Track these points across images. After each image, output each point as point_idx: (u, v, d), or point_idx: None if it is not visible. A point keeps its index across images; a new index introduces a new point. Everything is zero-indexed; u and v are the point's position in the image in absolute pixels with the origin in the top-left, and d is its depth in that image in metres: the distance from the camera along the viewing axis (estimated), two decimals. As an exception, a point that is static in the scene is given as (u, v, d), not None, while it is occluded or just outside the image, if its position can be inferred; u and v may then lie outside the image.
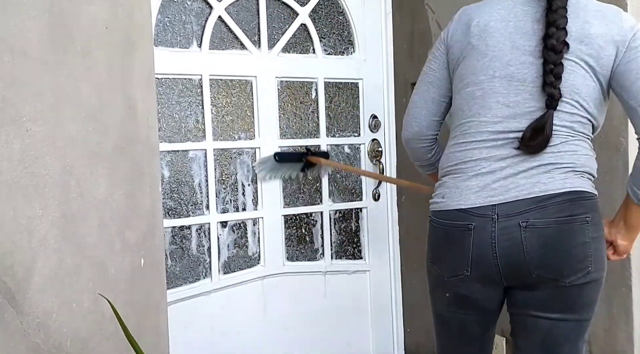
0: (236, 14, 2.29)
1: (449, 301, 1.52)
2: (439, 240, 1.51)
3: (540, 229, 1.35)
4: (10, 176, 1.09)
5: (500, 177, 1.40)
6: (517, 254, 1.37)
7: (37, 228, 1.14)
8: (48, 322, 1.16)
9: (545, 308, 1.41)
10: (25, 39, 1.13)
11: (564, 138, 1.40)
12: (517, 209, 1.37)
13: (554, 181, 1.37)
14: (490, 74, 1.43)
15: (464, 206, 1.42)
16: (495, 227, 1.38)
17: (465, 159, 1.46)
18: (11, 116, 1.10)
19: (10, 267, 1.09)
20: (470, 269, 1.43)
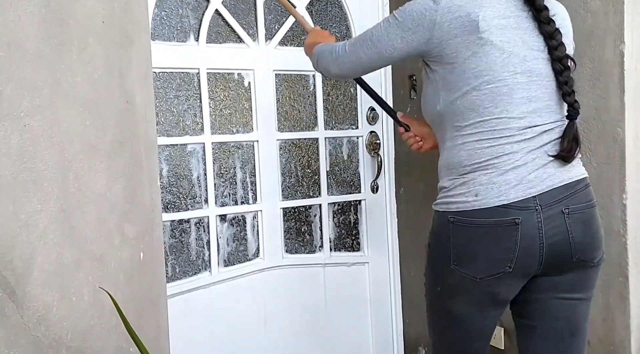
0: (233, 7, 2.29)
1: (474, 302, 1.50)
2: (471, 240, 1.45)
3: (578, 214, 1.43)
4: (8, 171, 1.10)
5: (533, 169, 1.42)
6: (563, 241, 1.42)
7: (36, 223, 1.15)
8: (48, 316, 1.17)
9: (571, 290, 1.48)
10: (22, 33, 1.13)
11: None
12: (556, 198, 1.41)
13: (573, 168, 1.45)
14: (512, 70, 1.42)
15: (506, 201, 1.40)
16: (541, 218, 1.40)
17: (496, 154, 1.43)
18: (8, 111, 1.10)
19: (10, 261, 1.10)
20: (515, 263, 1.42)
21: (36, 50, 1.16)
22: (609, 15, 1.77)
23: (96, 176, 1.30)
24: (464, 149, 1.46)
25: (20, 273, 1.11)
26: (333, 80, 2.53)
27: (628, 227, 1.79)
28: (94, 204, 1.29)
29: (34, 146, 1.15)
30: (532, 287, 1.49)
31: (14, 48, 1.12)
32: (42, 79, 1.17)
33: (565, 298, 1.48)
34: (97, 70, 1.32)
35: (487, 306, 1.50)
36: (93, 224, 1.29)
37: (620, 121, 1.77)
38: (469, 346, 1.57)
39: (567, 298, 1.48)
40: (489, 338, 1.58)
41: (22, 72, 1.13)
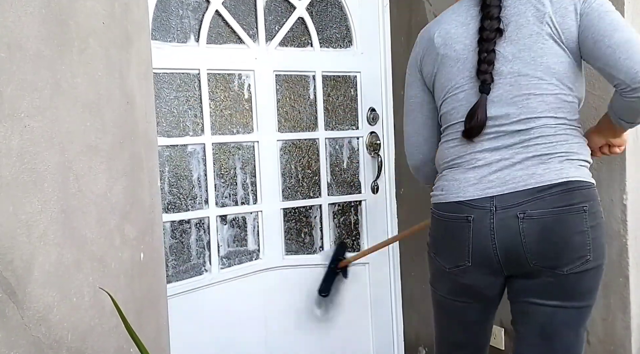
0: (233, 8, 2.29)
1: (451, 291, 1.56)
2: (439, 232, 1.54)
3: (537, 219, 1.38)
4: (9, 172, 1.10)
5: (496, 169, 1.43)
6: (515, 244, 1.40)
7: (37, 223, 1.15)
8: (49, 316, 1.17)
9: (544, 296, 1.44)
10: (22, 34, 1.14)
11: (555, 128, 1.43)
12: (515, 201, 1.39)
13: (549, 172, 1.39)
14: (467, 75, 1.48)
15: (463, 198, 1.46)
16: (494, 219, 1.41)
17: (460, 153, 1.50)
18: (9, 111, 1.10)
19: (11, 262, 1.10)
20: (471, 259, 1.46)
21: (36, 51, 1.16)
22: (608, 15, 1.77)
23: (96, 177, 1.30)
24: (442, 149, 1.57)
25: (20, 273, 1.11)
26: (333, 81, 2.54)
27: (628, 227, 1.79)
28: (95, 205, 1.29)
29: (34, 147, 1.15)
30: (510, 288, 1.52)
31: (15, 49, 1.12)
32: (42, 79, 1.17)
33: (540, 303, 1.45)
34: (97, 71, 1.32)
35: (462, 296, 1.54)
36: (93, 225, 1.29)
37: (621, 121, 1.77)
38: (457, 337, 1.61)
39: (542, 304, 1.44)
40: (476, 331, 1.59)
41: (23, 73, 1.13)
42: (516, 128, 1.43)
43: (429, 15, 2.42)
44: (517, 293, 1.50)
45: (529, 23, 1.42)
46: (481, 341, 1.62)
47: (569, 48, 1.42)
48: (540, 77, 1.42)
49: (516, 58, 1.43)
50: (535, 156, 1.42)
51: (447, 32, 1.52)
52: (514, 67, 1.43)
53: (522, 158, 1.42)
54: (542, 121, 1.43)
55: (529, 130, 1.43)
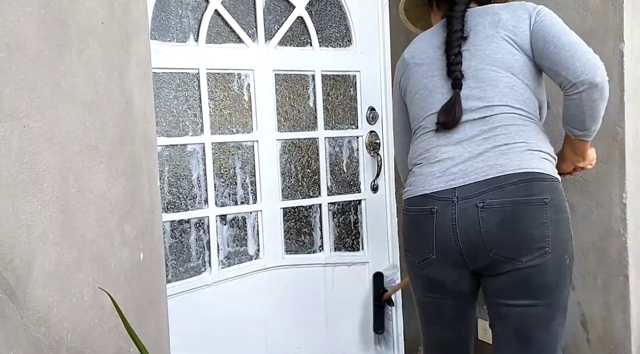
0: (232, 8, 2.29)
1: (423, 287, 1.60)
2: (408, 226, 1.60)
3: (496, 208, 1.42)
4: (8, 172, 1.10)
5: (459, 162, 1.49)
6: (475, 234, 1.45)
7: (36, 223, 1.15)
8: (48, 316, 1.17)
9: (512, 295, 1.47)
10: (21, 34, 1.13)
11: (512, 118, 1.49)
12: (475, 191, 1.44)
13: (510, 162, 1.44)
14: (430, 75, 1.60)
15: (428, 191, 1.52)
16: (455, 210, 1.46)
17: (426, 147, 1.57)
18: (8, 111, 1.10)
19: (10, 262, 1.10)
20: (435, 252, 1.51)
21: (36, 51, 1.16)
22: (608, 14, 1.77)
23: (96, 177, 1.30)
24: (411, 148, 1.66)
25: (20, 273, 1.11)
26: (333, 81, 2.54)
27: (628, 226, 1.79)
28: (94, 205, 1.29)
29: (33, 147, 1.15)
30: (483, 289, 1.55)
31: (14, 49, 1.12)
32: (41, 79, 1.17)
33: (511, 304, 1.48)
34: (96, 70, 1.32)
35: (434, 292, 1.57)
36: (93, 225, 1.29)
37: (620, 120, 1.77)
38: (436, 335, 1.64)
39: (513, 305, 1.48)
40: (455, 329, 1.61)
41: (22, 73, 1.13)
42: (475, 116, 1.51)
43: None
44: (490, 295, 1.54)
45: (485, 28, 1.54)
46: (462, 338, 1.64)
47: (522, 49, 1.51)
48: (495, 70, 1.51)
49: (473, 56, 1.54)
50: (495, 146, 1.46)
51: (415, 48, 1.68)
52: (471, 64, 1.53)
53: (484, 149, 1.47)
54: (499, 109, 1.49)
55: (487, 118, 1.50)
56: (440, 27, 1.65)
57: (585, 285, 1.91)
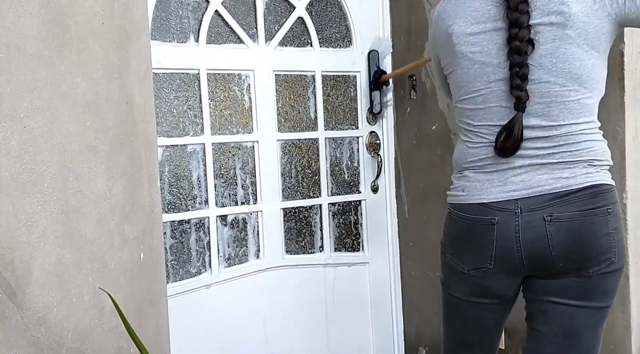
0: (233, 8, 2.29)
1: (468, 292, 1.53)
2: (459, 233, 1.51)
3: (565, 222, 1.37)
4: (8, 172, 1.10)
5: (521, 172, 1.41)
6: (542, 247, 1.39)
7: (36, 224, 1.15)
8: (48, 317, 1.17)
9: (565, 295, 1.43)
10: (21, 34, 1.14)
11: (578, 135, 1.40)
12: (541, 203, 1.38)
13: (575, 177, 1.38)
14: (486, 80, 1.44)
15: (486, 200, 1.44)
16: (519, 222, 1.39)
17: (482, 155, 1.47)
18: (8, 112, 1.10)
19: (10, 262, 1.10)
20: (494, 262, 1.44)
21: (36, 51, 1.16)
22: (608, 14, 1.77)
23: (96, 177, 1.30)
24: (462, 148, 1.53)
25: (20, 273, 1.12)
26: (333, 81, 2.54)
27: (628, 226, 1.79)
28: (94, 205, 1.30)
29: (33, 147, 1.15)
30: (530, 288, 1.50)
31: (14, 49, 1.12)
32: (41, 80, 1.17)
33: (560, 302, 1.44)
34: (96, 71, 1.32)
35: (480, 297, 1.52)
36: (93, 225, 1.29)
37: (620, 121, 1.77)
38: (468, 337, 1.59)
39: (562, 303, 1.43)
40: (491, 331, 1.58)
41: (22, 73, 1.13)
42: (538, 135, 1.40)
43: (429, 15, 2.42)
44: (536, 292, 1.48)
45: (552, 25, 1.36)
46: (493, 342, 1.61)
47: (594, 48, 1.37)
48: (562, 83, 1.38)
49: (538, 65, 1.38)
50: (560, 162, 1.39)
51: (463, 30, 1.46)
52: (534, 75, 1.38)
53: (547, 162, 1.40)
54: (564, 128, 1.39)
55: (552, 137, 1.40)
56: (491, 3, 1.43)
57: (585, 285, 1.91)
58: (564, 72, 1.37)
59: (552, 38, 1.36)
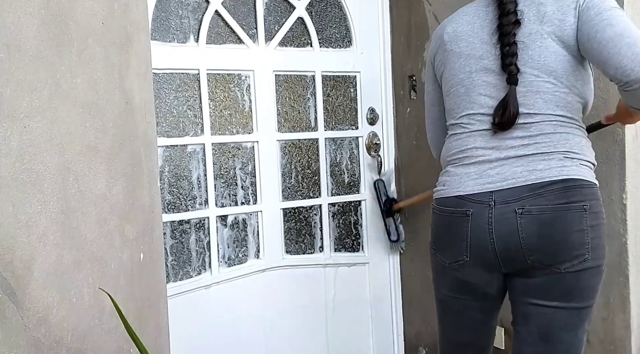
0: (233, 8, 2.29)
1: (451, 287, 1.56)
2: (440, 227, 1.56)
3: (536, 215, 1.39)
4: (8, 172, 1.10)
5: (497, 165, 1.45)
6: (513, 240, 1.41)
7: (37, 224, 1.15)
8: (48, 317, 1.17)
9: (543, 296, 1.43)
10: (22, 35, 1.14)
11: (554, 126, 1.43)
12: (514, 196, 1.41)
13: (550, 169, 1.40)
14: (468, 71, 1.51)
15: (463, 192, 1.48)
16: (492, 214, 1.43)
17: (462, 147, 1.52)
18: (8, 112, 1.10)
19: (10, 263, 1.10)
20: (469, 254, 1.47)
21: (36, 51, 1.16)
22: (608, 15, 1.77)
23: (96, 177, 1.30)
24: (446, 144, 1.61)
25: (20, 274, 1.11)
26: (333, 81, 2.54)
27: (628, 226, 1.79)
28: (94, 205, 1.30)
29: (33, 147, 1.15)
30: (510, 287, 1.52)
31: (14, 49, 1.12)
32: (41, 80, 1.17)
33: (539, 304, 1.44)
34: (96, 71, 1.32)
35: (463, 294, 1.54)
36: (93, 225, 1.29)
37: (620, 121, 1.77)
38: (459, 337, 1.61)
39: (541, 305, 1.44)
40: (479, 331, 1.59)
41: (22, 73, 1.13)
42: (521, 118, 1.44)
43: (429, 15, 2.42)
44: (517, 294, 1.50)
45: (529, 22, 1.44)
46: (484, 341, 1.62)
47: (568, 47, 1.42)
48: (537, 75, 1.43)
49: None
50: (535, 154, 1.42)
51: (455, 30, 1.56)
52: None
53: (523, 154, 1.43)
54: (540, 117, 1.43)
55: (528, 126, 1.44)
56: (485, 6, 1.53)
57: (585, 286, 1.91)
58: (539, 64, 1.43)
59: (528, 32, 1.43)
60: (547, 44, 1.42)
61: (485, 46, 1.50)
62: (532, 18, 1.44)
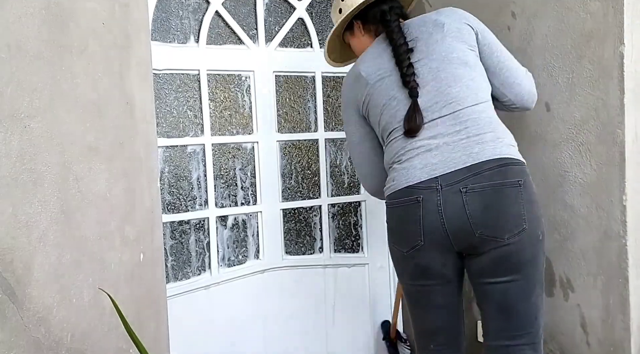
0: (233, 9, 2.29)
1: (413, 275, 1.68)
2: (394, 218, 1.68)
3: (478, 192, 1.54)
4: (8, 172, 1.10)
5: (437, 153, 1.60)
6: (461, 216, 1.55)
7: (37, 224, 1.15)
8: (48, 317, 1.17)
9: (495, 273, 1.59)
10: (22, 35, 1.14)
11: (478, 110, 1.62)
12: (457, 178, 1.55)
13: (484, 150, 1.56)
14: (395, 87, 1.67)
15: (412, 182, 1.61)
16: (440, 196, 1.56)
17: (403, 145, 1.66)
18: (9, 112, 1.10)
19: (10, 263, 1.10)
20: (424, 237, 1.59)
21: (36, 51, 1.16)
22: (608, 16, 1.77)
23: (96, 177, 1.30)
24: (386, 152, 1.73)
25: (20, 274, 1.12)
26: (333, 82, 2.54)
27: (628, 228, 1.79)
28: (94, 205, 1.30)
29: (34, 147, 1.15)
30: (467, 271, 1.67)
31: (15, 49, 1.12)
32: (42, 80, 1.17)
33: (493, 282, 1.59)
34: (97, 71, 1.32)
35: (423, 279, 1.66)
36: (93, 225, 1.29)
37: (620, 122, 1.77)
38: (429, 323, 1.71)
39: (495, 282, 1.59)
40: (447, 316, 1.69)
41: (23, 73, 1.13)
42: (445, 112, 1.61)
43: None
44: (474, 275, 1.64)
45: (432, 34, 1.67)
46: (453, 326, 1.71)
47: (471, 46, 1.67)
48: (455, 67, 1.63)
49: (431, 59, 1.65)
50: (468, 137, 1.58)
51: (369, 66, 1.74)
52: (432, 66, 1.64)
53: (458, 139, 1.59)
54: (465, 102, 1.61)
55: (457, 113, 1.60)
56: (382, 42, 1.74)
57: (584, 287, 1.91)
58: (454, 58, 1.64)
59: (434, 40, 1.66)
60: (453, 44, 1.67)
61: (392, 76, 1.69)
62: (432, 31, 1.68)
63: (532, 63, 1.98)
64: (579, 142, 1.88)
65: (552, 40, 1.93)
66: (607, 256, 1.84)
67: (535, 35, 1.98)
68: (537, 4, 1.96)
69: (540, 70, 1.97)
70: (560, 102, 1.93)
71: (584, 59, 1.84)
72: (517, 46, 2.03)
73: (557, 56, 1.92)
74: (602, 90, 1.80)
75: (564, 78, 1.90)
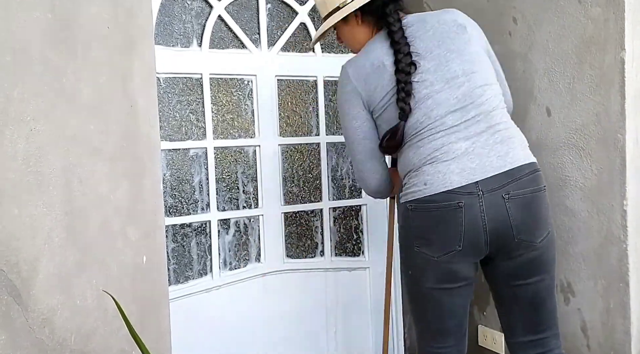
0: (236, 13, 2.30)
1: (439, 279, 1.65)
2: (426, 224, 1.63)
3: (519, 198, 1.58)
4: (14, 175, 1.11)
5: (473, 157, 1.58)
6: (504, 221, 1.57)
7: (42, 226, 1.16)
8: (52, 318, 1.18)
9: (527, 275, 1.63)
10: (27, 39, 1.15)
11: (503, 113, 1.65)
12: (497, 184, 1.57)
13: (515, 154, 1.60)
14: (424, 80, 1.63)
15: (450, 187, 1.58)
16: (482, 202, 1.56)
17: (437, 146, 1.61)
18: (15, 115, 1.11)
19: (16, 264, 1.10)
20: (463, 243, 1.59)
21: (41, 55, 1.17)
22: (609, 22, 1.78)
23: (100, 180, 1.31)
24: (414, 150, 1.66)
25: (25, 276, 1.12)
26: (335, 86, 2.55)
27: (628, 233, 1.80)
28: (98, 208, 1.30)
29: (39, 150, 1.16)
30: (493, 274, 1.69)
31: (20, 53, 1.13)
32: (47, 84, 1.18)
33: (524, 283, 1.64)
34: (101, 75, 1.33)
35: (449, 282, 1.65)
36: (97, 228, 1.30)
37: (621, 127, 1.78)
38: (443, 325, 1.70)
39: (527, 284, 1.64)
40: (461, 316, 1.70)
41: (28, 77, 1.14)
42: (474, 114, 1.60)
43: (430, 21, 2.43)
44: (505, 278, 1.67)
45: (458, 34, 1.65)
46: (463, 327, 1.72)
47: (486, 51, 1.70)
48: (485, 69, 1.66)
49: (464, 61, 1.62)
50: (502, 140, 1.60)
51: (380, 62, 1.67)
52: (465, 67, 1.62)
53: (493, 143, 1.59)
54: (493, 105, 1.62)
55: (489, 115, 1.61)
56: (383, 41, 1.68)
57: (585, 291, 1.92)
58: (483, 60, 1.65)
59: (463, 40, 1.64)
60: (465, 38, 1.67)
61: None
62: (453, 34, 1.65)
63: (533, 68, 1.99)
64: (579, 147, 1.89)
65: (553, 46, 1.94)
66: (608, 260, 1.85)
67: (536, 41, 1.99)
68: (538, 10, 1.97)
69: (541, 76, 1.98)
70: (561, 107, 1.93)
71: (584, 64, 1.85)
72: (518, 51, 2.04)
73: (558, 61, 1.93)
74: (603, 95, 1.81)
75: (564, 83, 1.91)
